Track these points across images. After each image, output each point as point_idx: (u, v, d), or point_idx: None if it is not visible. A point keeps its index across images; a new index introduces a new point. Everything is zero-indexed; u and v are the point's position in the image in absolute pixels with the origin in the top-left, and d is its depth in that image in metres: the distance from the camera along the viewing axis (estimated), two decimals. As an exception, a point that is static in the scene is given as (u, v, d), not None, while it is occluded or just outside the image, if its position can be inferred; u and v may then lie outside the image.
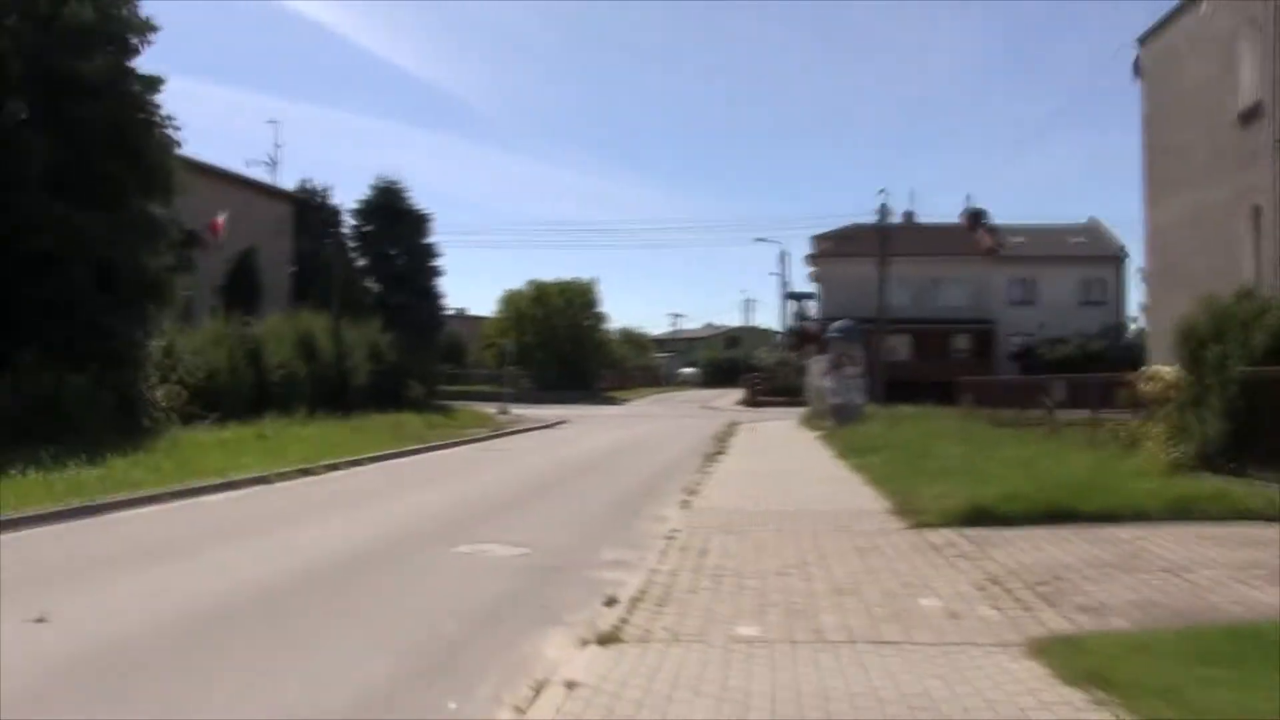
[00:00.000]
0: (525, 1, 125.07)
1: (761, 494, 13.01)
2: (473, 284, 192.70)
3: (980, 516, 9.99)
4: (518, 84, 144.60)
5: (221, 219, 29.91)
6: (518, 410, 45.04)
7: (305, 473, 16.52)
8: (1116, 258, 59.78)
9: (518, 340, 65.61)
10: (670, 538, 9.55)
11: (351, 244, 39.90)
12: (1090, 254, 60.23)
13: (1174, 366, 14.64)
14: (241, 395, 23.78)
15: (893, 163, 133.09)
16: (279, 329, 27.63)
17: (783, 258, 72.31)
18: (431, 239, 40.97)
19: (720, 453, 20.90)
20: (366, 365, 32.00)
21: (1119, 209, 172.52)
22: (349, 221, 40.13)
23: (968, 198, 64.30)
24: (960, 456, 15.02)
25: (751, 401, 55.62)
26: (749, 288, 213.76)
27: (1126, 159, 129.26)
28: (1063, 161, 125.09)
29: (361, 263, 39.80)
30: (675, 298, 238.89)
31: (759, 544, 9.15)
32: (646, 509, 12.36)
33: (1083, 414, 19.11)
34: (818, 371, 34.95)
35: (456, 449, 23.77)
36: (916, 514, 10.41)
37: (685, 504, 11.96)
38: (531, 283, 66.96)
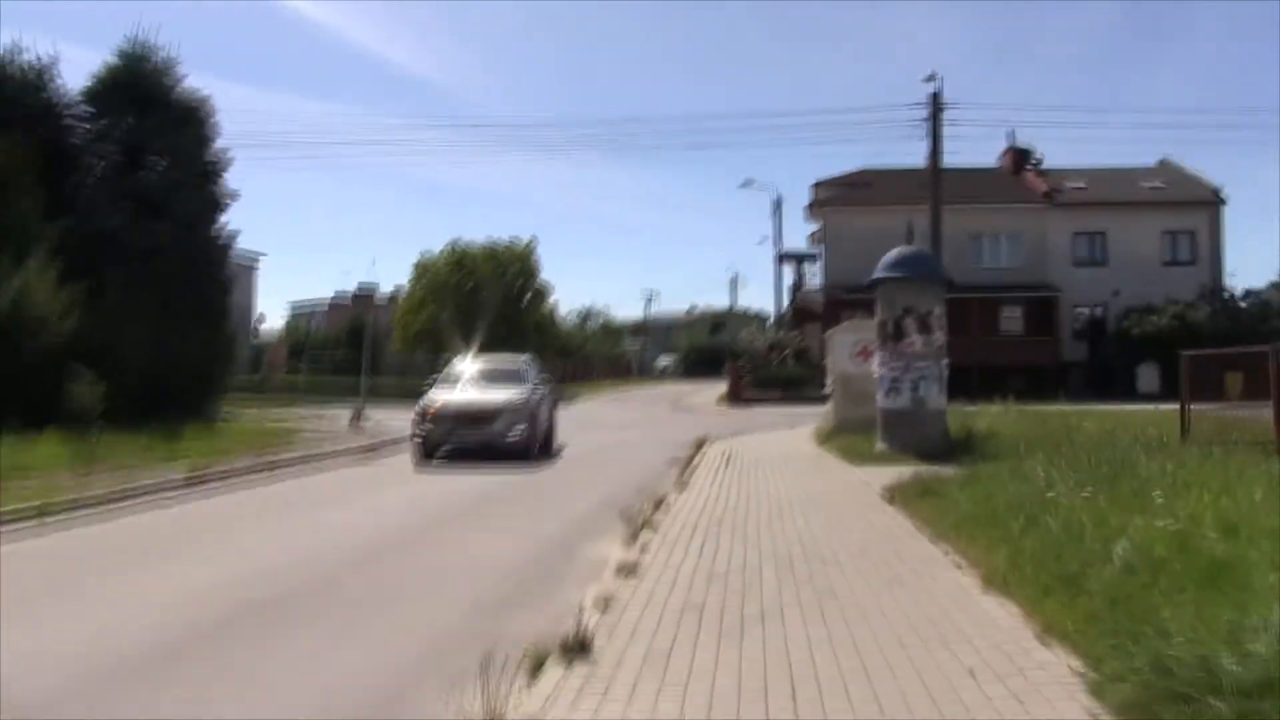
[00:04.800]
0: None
1: None
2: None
3: None
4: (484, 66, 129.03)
5: None
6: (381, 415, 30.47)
7: None
8: (1211, 201, 45.22)
9: (434, 318, 50.92)
10: None
11: (87, 143, 24.18)
12: (1174, 198, 45.64)
13: None
14: None
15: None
16: None
17: (776, 208, 54.32)
18: (212, 145, 24.95)
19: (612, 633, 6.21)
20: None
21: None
22: (82, 111, 24.27)
23: (1010, 134, 48.80)
24: None
25: (736, 397, 40.98)
26: (736, 263, 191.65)
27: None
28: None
29: (96, 176, 24.20)
30: (653, 277, 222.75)
31: None
32: None
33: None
34: (846, 350, 20.39)
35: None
36: None
37: None
38: (451, 245, 51.74)
